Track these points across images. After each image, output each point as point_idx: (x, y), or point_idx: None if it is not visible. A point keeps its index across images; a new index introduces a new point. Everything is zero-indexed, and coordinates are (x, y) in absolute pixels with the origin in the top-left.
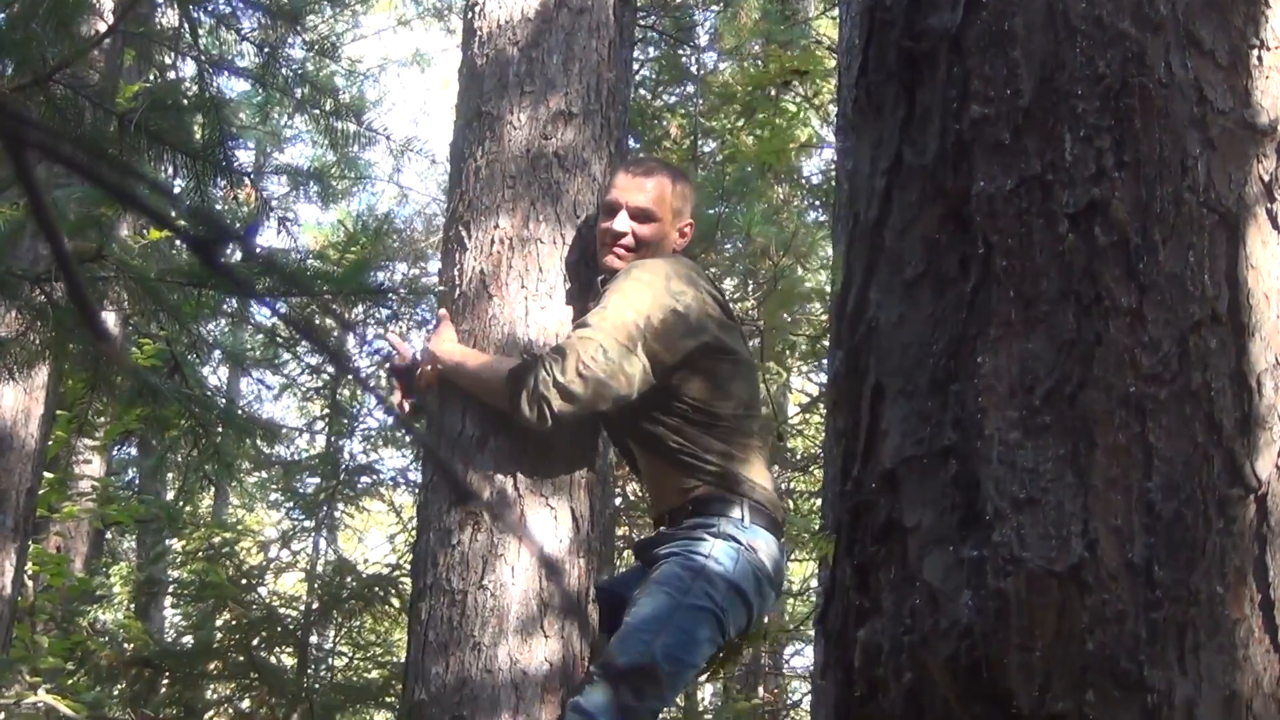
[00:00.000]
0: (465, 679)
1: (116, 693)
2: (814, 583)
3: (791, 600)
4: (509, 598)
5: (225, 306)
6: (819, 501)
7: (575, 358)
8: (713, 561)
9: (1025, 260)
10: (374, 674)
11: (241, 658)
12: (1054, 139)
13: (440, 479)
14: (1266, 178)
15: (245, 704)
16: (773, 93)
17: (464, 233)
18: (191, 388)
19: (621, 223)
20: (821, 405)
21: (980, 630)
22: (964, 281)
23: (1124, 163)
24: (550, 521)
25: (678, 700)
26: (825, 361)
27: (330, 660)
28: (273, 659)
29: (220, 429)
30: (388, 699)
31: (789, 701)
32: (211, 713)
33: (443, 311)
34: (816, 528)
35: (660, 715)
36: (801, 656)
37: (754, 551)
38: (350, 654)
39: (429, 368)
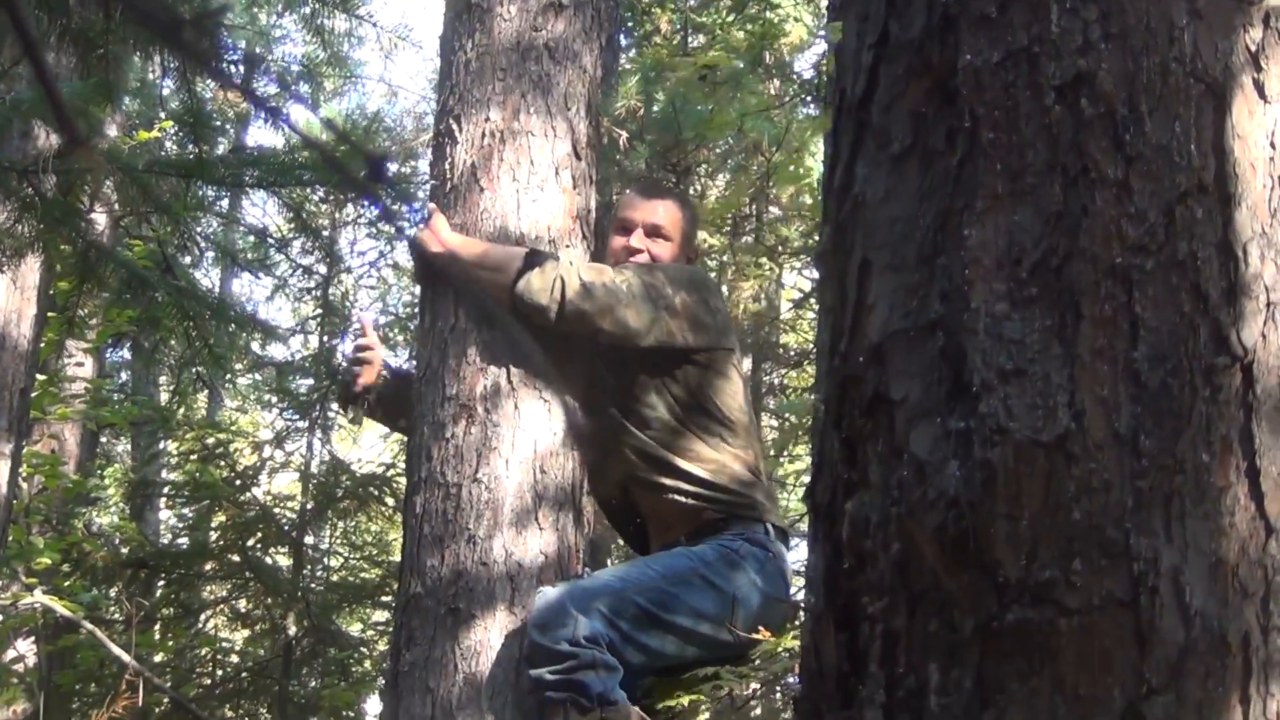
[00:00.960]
0: (461, 572)
1: (113, 594)
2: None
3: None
4: (503, 490)
5: (216, 204)
6: (810, 397)
7: (605, 273)
8: (739, 558)
9: (1011, 133)
10: (370, 573)
11: (237, 558)
12: (1040, 11)
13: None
14: (1253, 47)
15: (241, 604)
16: None
17: (454, 126)
18: (182, 284)
19: (638, 240)
20: (814, 301)
21: (967, 501)
22: (950, 155)
23: (1110, 34)
24: (544, 414)
25: None
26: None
27: (326, 560)
28: (268, 559)
29: (212, 322)
30: (384, 597)
31: None
32: (208, 613)
33: (432, 205)
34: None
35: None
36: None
37: (779, 560)
38: (346, 554)
39: (434, 248)
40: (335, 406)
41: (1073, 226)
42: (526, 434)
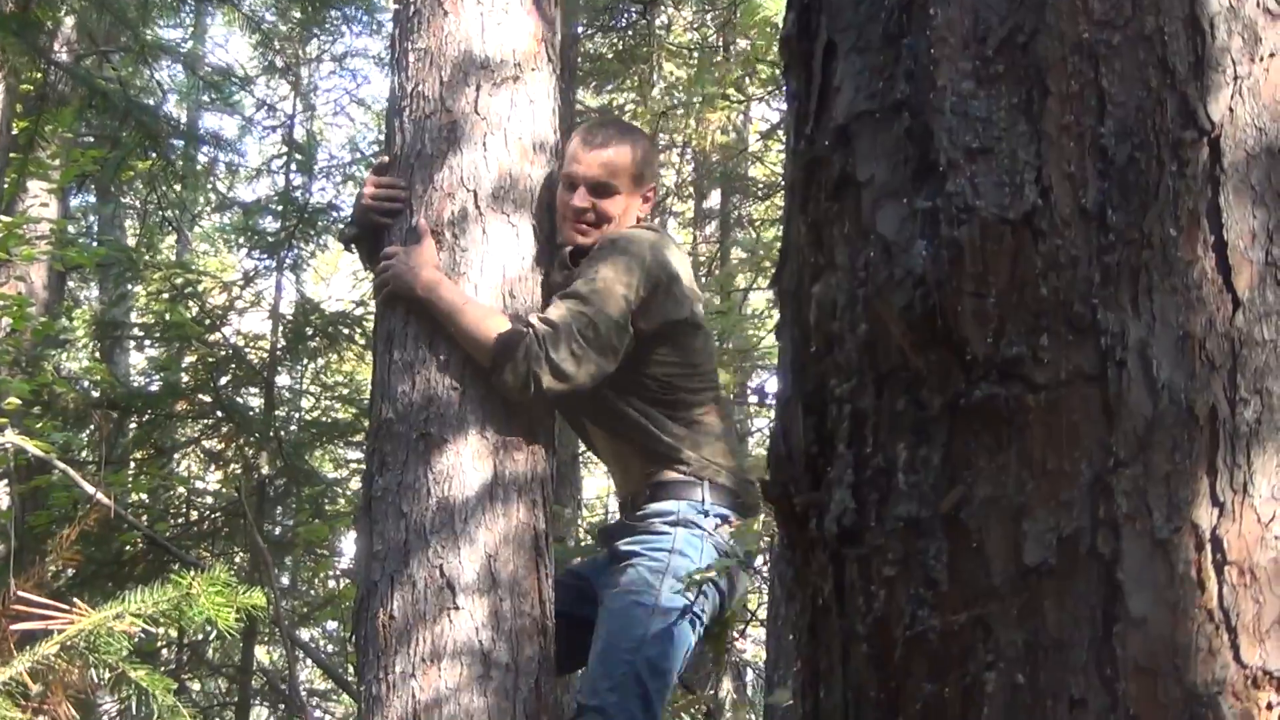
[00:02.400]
0: (431, 397)
1: (84, 437)
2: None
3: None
4: None
5: (180, 19)
6: (779, 230)
7: (568, 334)
8: (676, 555)
9: None
10: (342, 412)
11: (208, 399)
12: None
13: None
14: None
15: (214, 445)
16: None
17: None
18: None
19: (582, 198)
20: (781, 134)
21: (934, 279)
22: None
23: None
24: (512, 238)
25: None
26: (785, 89)
27: (299, 401)
28: (240, 400)
29: (179, 146)
30: (356, 437)
31: None
32: (180, 453)
33: (423, 225)
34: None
35: None
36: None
37: (718, 536)
38: (318, 393)
39: (408, 290)
40: (324, 240)
41: (1038, 2)
42: (495, 259)
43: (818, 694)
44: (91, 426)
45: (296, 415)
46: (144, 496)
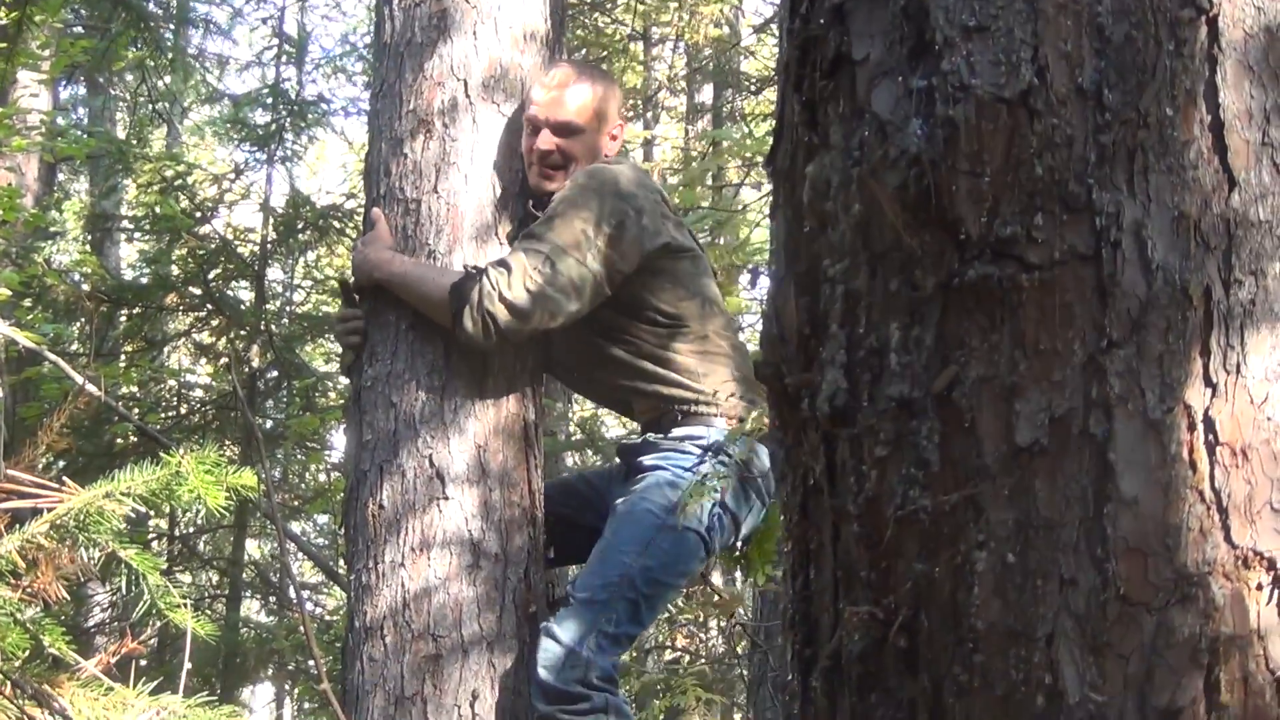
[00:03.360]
0: None
1: (75, 329)
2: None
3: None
4: (463, 205)
5: None
6: (771, 124)
7: (522, 270)
8: (698, 477)
9: None
10: (333, 306)
11: (199, 291)
12: None
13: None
14: None
15: (204, 338)
16: None
17: None
18: None
19: (545, 140)
20: (774, 27)
21: (929, 158)
22: None
23: None
24: (502, 127)
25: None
26: None
27: (290, 295)
28: (230, 293)
29: (170, 29)
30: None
31: None
32: (170, 346)
33: (376, 212)
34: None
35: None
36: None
37: (742, 465)
38: (309, 288)
39: (366, 275)
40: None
41: None
42: (485, 148)
43: (808, 574)
44: (82, 320)
45: (287, 309)
46: (135, 389)
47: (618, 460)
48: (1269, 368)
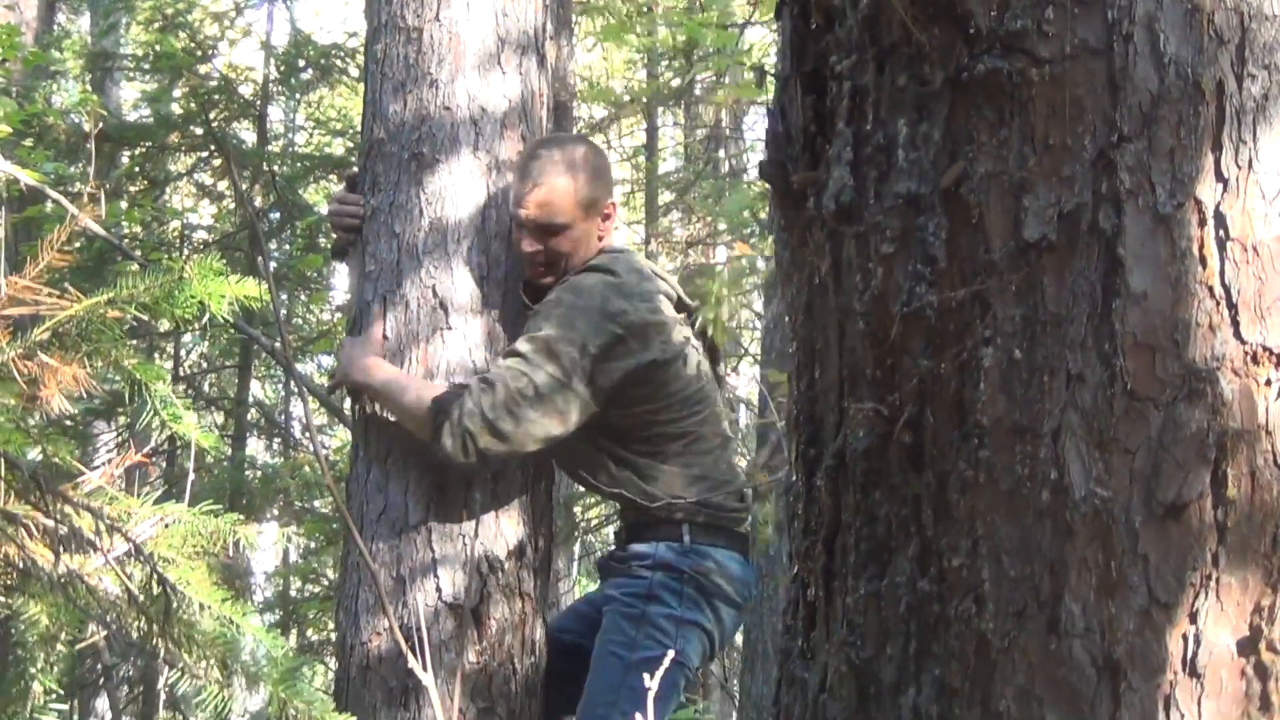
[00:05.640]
0: (424, 116)
1: (76, 170)
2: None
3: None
4: (466, 33)
5: None
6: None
7: (505, 391)
8: (654, 605)
9: None
10: (335, 146)
11: (200, 131)
12: None
13: None
14: None
15: (207, 178)
16: None
17: None
18: None
19: (529, 244)
20: None
21: None
22: None
23: None
24: None
25: None
26: None
27: (292, 136)
28: (232, 133)
29: None
30: (349, 171)
31: None
32: (172, 186)
33: (375, 309)
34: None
35: None
36: None
37: (703, 576)
38: (310, 128)
39: (351, 379)
40: None
41: None
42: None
43: (813, 374)
44: (83, 162)
45: (290, 149)
46: (138, 229)
47: (598, 575)
48: None
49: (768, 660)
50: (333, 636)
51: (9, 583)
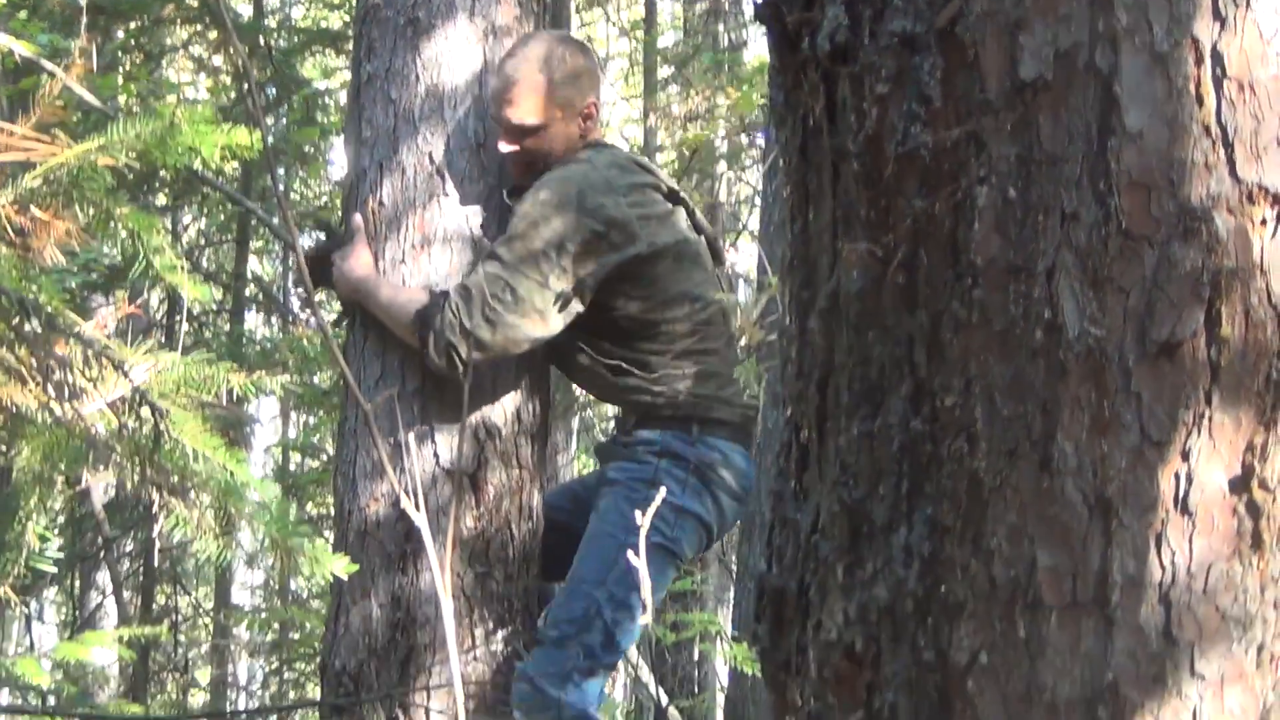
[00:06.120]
0: None
1: (72, 43)
2: None
3: None
4: None
5: None
6: None
7: (481, 300)
8: (656, 489)
9: None
10: (333, 20)
11: (195, 4)
12: None
13: None
14: None
15: (203, 51)
16: None
17: None
18: None
19: (505, 144)
20: None
21: None
22: None
23: None
24: None
25: None
26: None
27: (288, 9)
28: (228, 6)
29: None
30: (346, 45)
31: None
32: (169, 58)
33: (358, 220)
34: None
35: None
36: None
37: (708, 467)
38: (308, 2)
39: (346, 292)
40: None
41: None
42: None
43: (806, 216)
44: (80, 34)
45: (287, 23)
46: (134, 103)
47: (596, 461)
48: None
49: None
50: (332, 510)
51: (2, 425)
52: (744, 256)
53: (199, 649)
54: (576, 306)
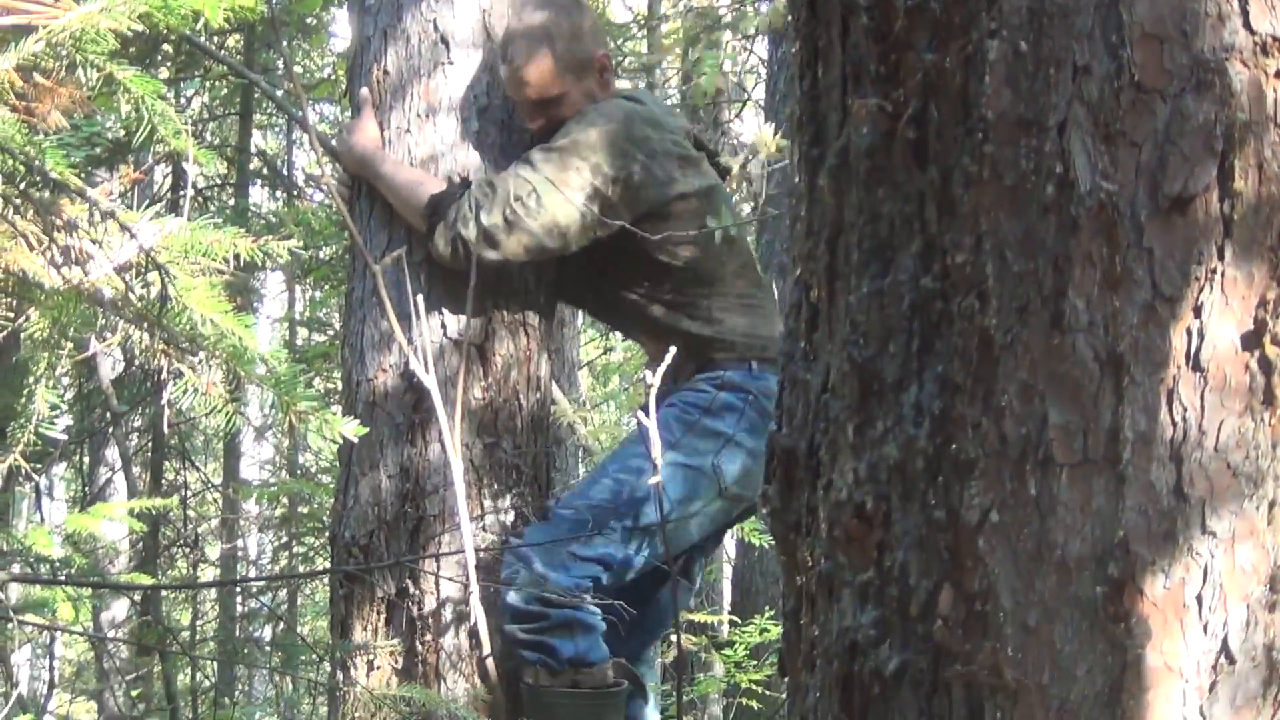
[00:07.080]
0: None
1: None
2: None
3: None
4: None
5: None
6: None
7: (505, 198)
8: (710, 417)
9: None
10: None
11: None
12: None
13: None
14: None
15: None
16: None
17: None
18: None
19: (533, 121)
20: None
21: None
22: None
23: None
24: None
25: None
26: None
27: None
28: None
29: None
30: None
31: None
32: None
33: (364, 93)
34: None
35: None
36: None
37: (769, 399)
38: None
39: (351, 167)
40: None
41: None
42: None
43: (815, 72)
44: None
45: None
46: None
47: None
48: None
49: None
50: (339, 384)
51: (9, 290)
52: (749, 128)
53: (209, 524)
54: (595, 233)
